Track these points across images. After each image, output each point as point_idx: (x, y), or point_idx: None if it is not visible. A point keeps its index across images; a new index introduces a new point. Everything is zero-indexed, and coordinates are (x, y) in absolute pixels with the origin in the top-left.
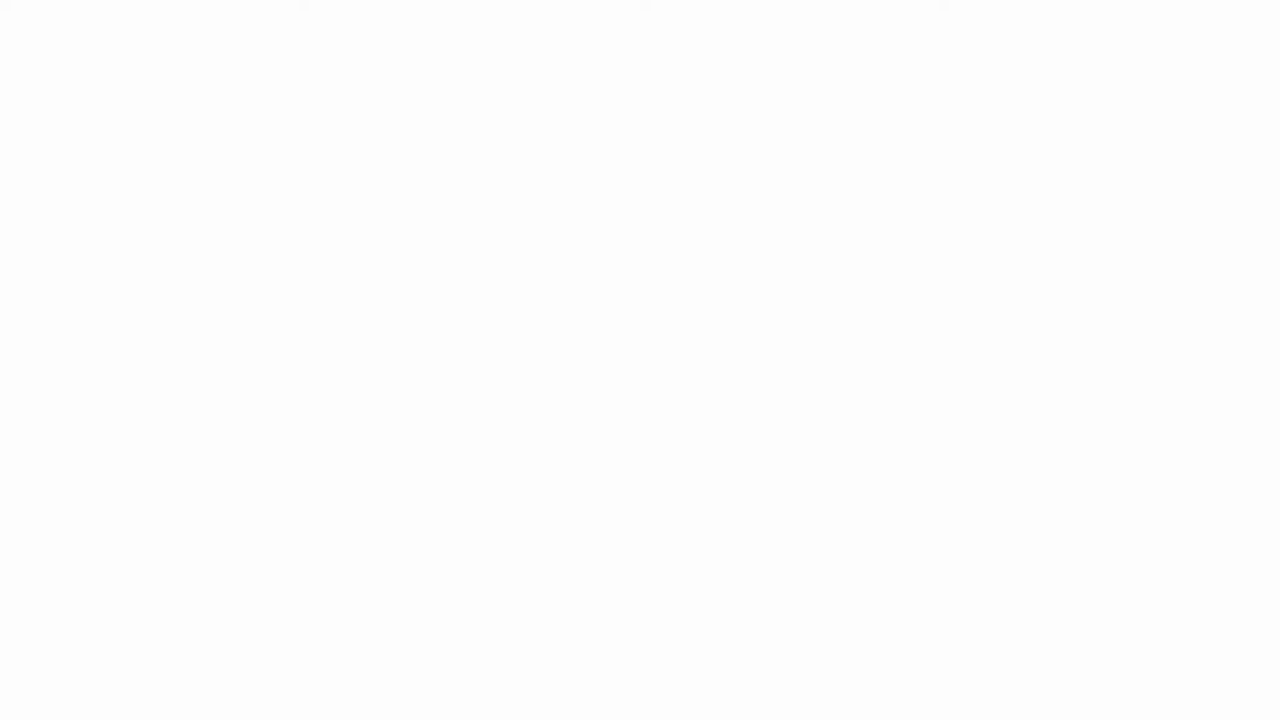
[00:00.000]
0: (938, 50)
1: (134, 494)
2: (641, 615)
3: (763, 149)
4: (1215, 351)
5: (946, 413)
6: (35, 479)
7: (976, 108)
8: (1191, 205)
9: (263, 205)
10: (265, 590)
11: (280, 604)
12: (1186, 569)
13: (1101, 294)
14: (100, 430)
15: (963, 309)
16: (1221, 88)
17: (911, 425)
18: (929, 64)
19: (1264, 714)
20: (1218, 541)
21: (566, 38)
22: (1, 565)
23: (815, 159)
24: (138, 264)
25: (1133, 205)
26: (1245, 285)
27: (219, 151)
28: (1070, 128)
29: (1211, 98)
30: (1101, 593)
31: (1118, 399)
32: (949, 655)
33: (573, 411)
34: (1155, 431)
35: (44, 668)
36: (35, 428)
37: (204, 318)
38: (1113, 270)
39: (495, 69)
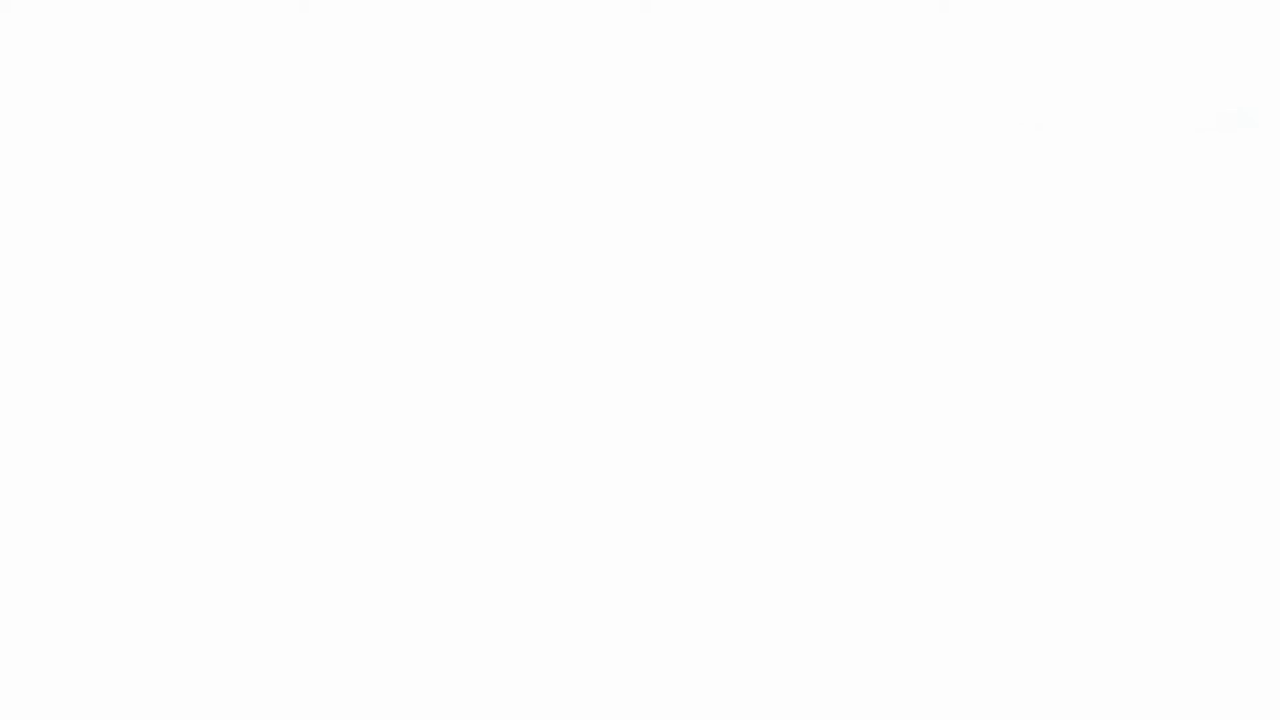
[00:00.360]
0: (938, 50)
1: (134, 493)
2: (641, 615)
3: (763, 150)
4: (1215, 351)
5: (947, 413)
6: (35, 479)
7: (977, 109)
8: (1192, 205)
9: (263, 206)
10: (265, 590)
11: (280, 604)
12: (1186, 569)
13: (1101, 295)
14: (100, 430)
15: (962, 309)
16: (1222, 88)
17: (911, 426)
18: (929, 64)
19: (1264, 714)
20: (1218, 541)
21: (567, 38)
22: (1, 565)
23: (816, 160)
24: (137, 263)
25: (1133, 206)
26: (1245, 287)
27: (218, 152)
28: (1071, 129)
29: (1213, 98)
30: (1101, 593)
31: (1118, 400)
32: (949, 655)
33: (573, 411)
34: (1155, 432)
35: (44, 668)
36: (35, 428)
37: (204, 317)
38: (1112, 271)
39: (495, 69)
